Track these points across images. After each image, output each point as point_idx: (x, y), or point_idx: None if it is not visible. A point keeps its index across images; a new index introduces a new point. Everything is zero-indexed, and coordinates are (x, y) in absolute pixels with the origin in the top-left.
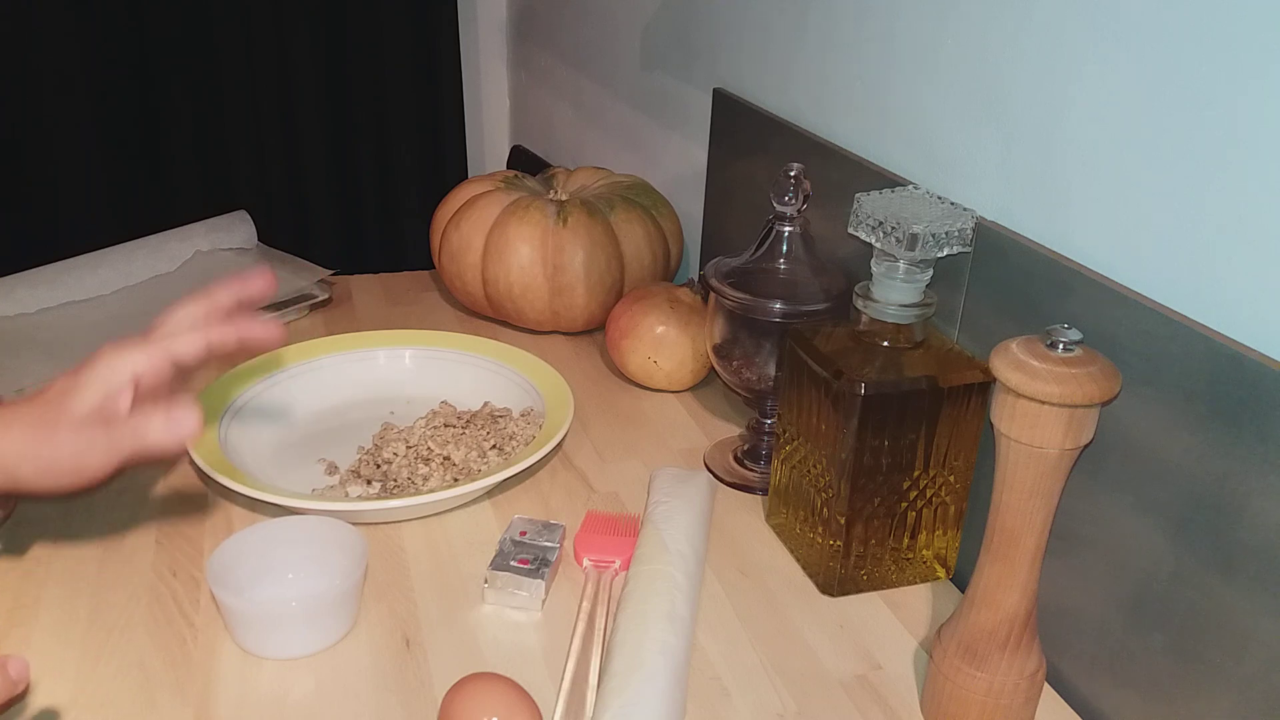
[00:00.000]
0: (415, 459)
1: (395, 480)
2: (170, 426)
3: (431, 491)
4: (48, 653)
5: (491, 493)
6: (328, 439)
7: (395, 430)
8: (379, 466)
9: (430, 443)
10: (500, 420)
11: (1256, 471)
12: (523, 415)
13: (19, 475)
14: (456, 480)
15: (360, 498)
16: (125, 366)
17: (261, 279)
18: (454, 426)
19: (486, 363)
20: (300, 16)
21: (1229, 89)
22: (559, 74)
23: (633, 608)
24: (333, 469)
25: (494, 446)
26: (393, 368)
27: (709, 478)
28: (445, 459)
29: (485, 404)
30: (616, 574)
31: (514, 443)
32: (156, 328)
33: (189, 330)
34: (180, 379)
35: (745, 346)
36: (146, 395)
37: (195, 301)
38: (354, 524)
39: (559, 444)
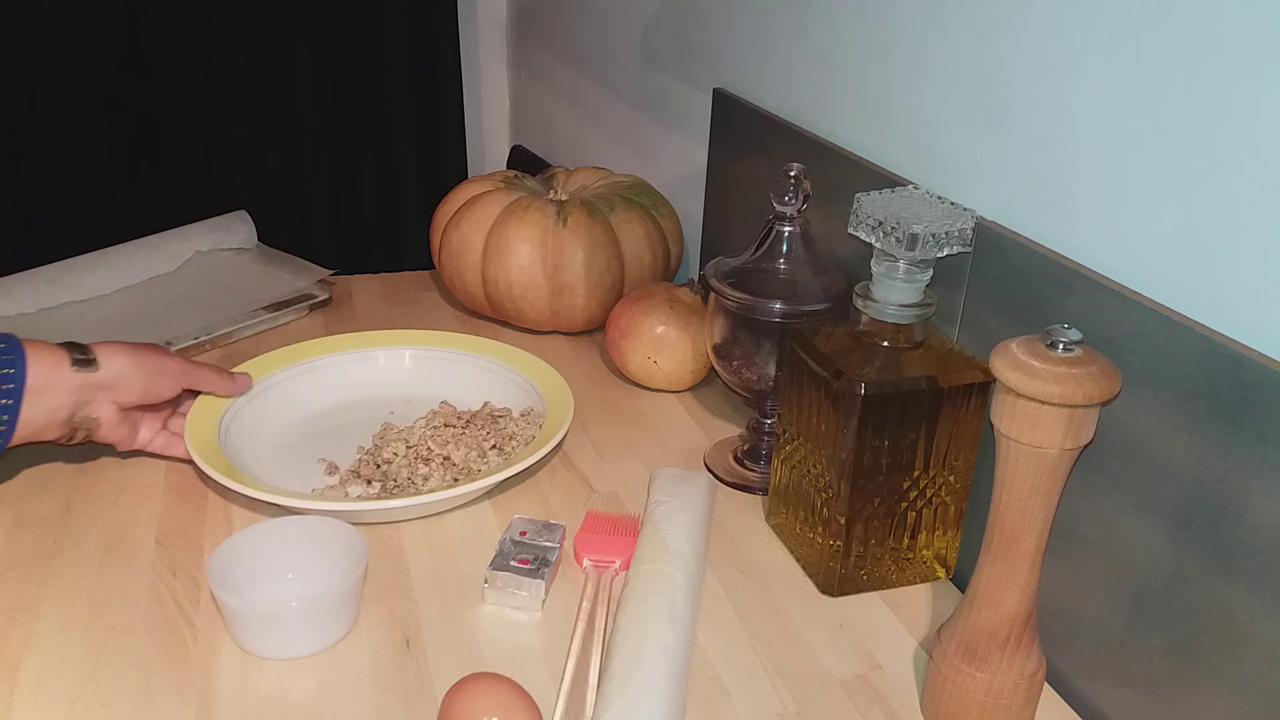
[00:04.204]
0: (415, 459)
1: (395, 480)
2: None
3: (431, 491)
4: (48, 653)
5: (491, 493)
6: (328, 439)
7: (395, 430)
8: (379, 466)
9: (430, 443)
10: (500, 420)
11: (1256, 471)
12: (523, 415)
13: (128, 364)
14: (456, 480)
15: (360, 498)
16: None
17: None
18: (454, 426)
19: (487, 363)
20: (301, 17)
21: (1228, 88)
22: (559, 74)
23: (633, 608)
24: (333, 469)
25: (494, 446)
26: (393, 368)
27: (709, 478)
28: (445, 459)
29: (485, 404)
30: (616, 574)
31: (514, 443)
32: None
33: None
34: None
35: (745, 346)
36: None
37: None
38: (354, 524)
39: (559, 444)
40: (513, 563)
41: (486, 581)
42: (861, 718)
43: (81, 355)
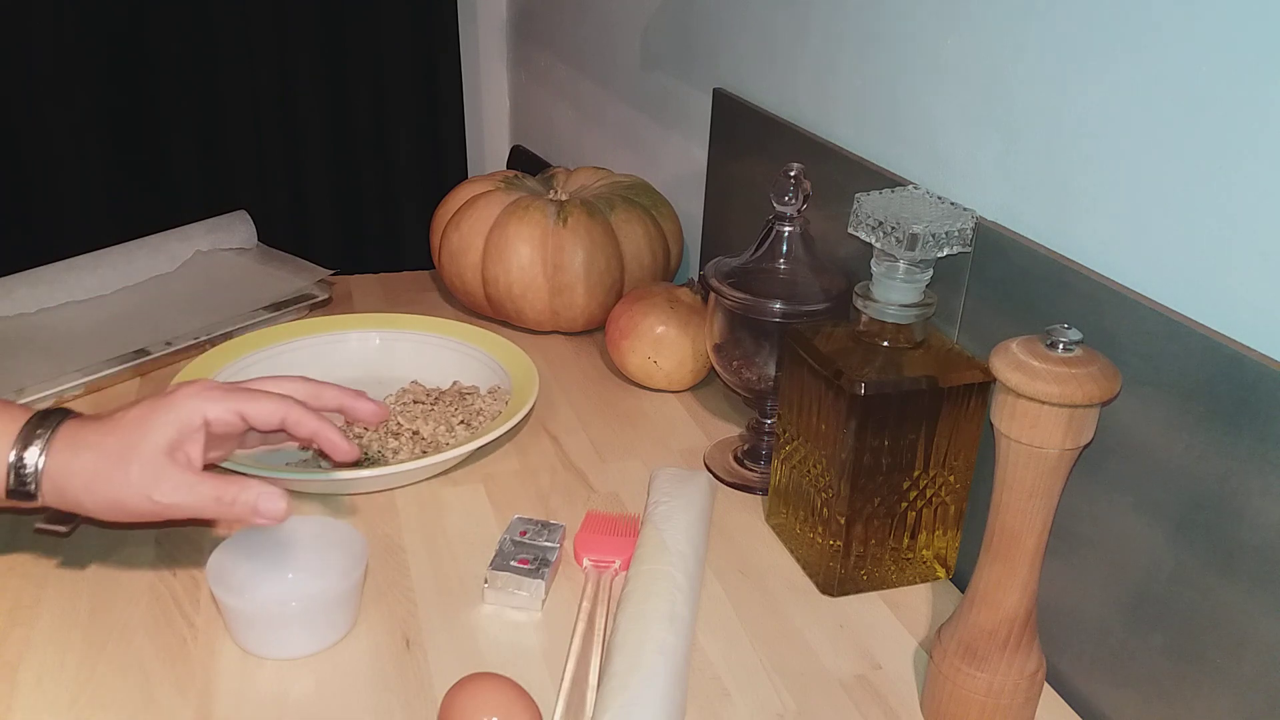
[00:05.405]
0: (385, 433)
1: (366, 453)
2: (262, 506)
3: (401, 463)
4: (47, 653)
5: (490, 492)
6: None
7: None
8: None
9: (400, 418)
10: (468, 397)
11: (1256, 471)
12: (490, 393)
13: (80, 502)
14: (425, 453)
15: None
16: (200, 408)
17: (377, 413)
18: (423, 403)
19: (454, 344)
20: (301, 17)
21: (1228, 89)
22: (559, 74)
23: (633, 608)
24: (307, 445)
25: (462, 422)
26: (363, 350)
27: (709, 478)
28: (415, 433)
29: (454, 383)
30: (616, 574)
31: (481, 418)
32: (252, 383)
33: (275, 399)
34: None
35: (745, 346)
36: (215, 441)
37: (303, 380)
38: (328, 495)
39: (525, 418)
40: (513, 563)
41: (486, 581)
42: (861, 718)
43: (20, 485)
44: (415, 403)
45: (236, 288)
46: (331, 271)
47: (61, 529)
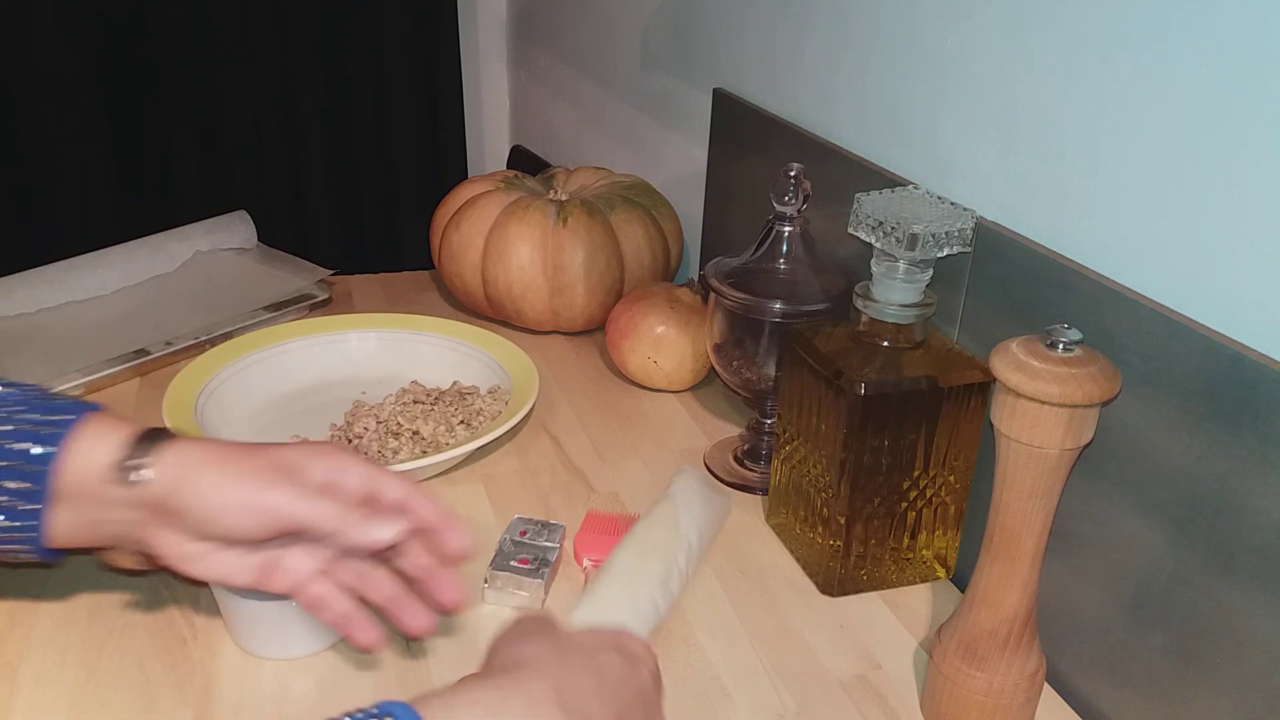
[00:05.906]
0: (385, 434)
1: (366, 454)
2: (381, 524)
3: (401, 464)
4: (47, 653)
5: (490, 492)
6: (302, 418)
7: (366, 407)
8: (350, 441)
9: (400, 418)
10: (468, 397)
11: (1256, 471)
12: (490, 393)
13: (196, 480)
14: (425, 453)
15: None
16: (348, 458)
17: (463, 548)
18: (423, 403)
19: (455, 344)
20: (300, 17)
21: (1229, 89)
22: (559, 74)
23: (632, 556)
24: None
25: (462, 422)
26: (363, 350)
27: (731, 502)
28: (414, 433)
29: (454, 383)
30: None
31: (481, 418)
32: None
33: (407, 491)
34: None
35: (745, 346)
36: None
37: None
38: None
39: (525, 418)
40: (513, 563)
41: (486, 581)
42: (861, 718)
43: (134, 459)
44: (415, 403)
45: (236, 288)
46: (331, 271)
47: (138, 567)
